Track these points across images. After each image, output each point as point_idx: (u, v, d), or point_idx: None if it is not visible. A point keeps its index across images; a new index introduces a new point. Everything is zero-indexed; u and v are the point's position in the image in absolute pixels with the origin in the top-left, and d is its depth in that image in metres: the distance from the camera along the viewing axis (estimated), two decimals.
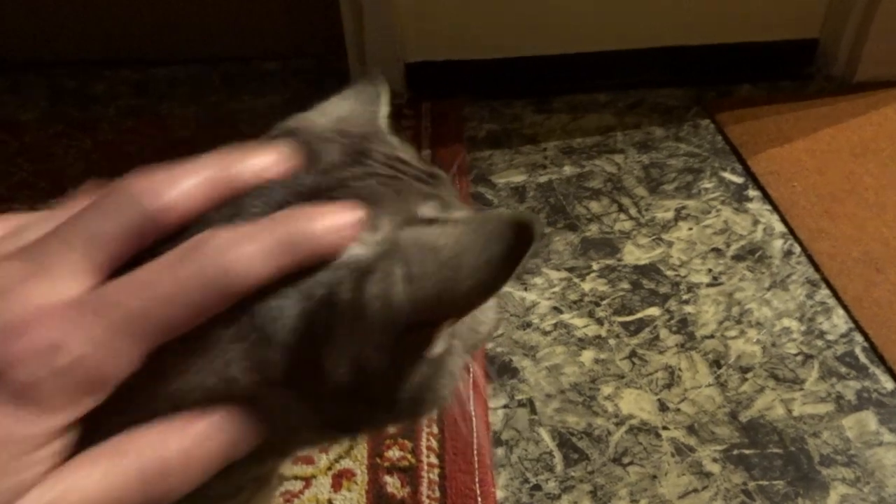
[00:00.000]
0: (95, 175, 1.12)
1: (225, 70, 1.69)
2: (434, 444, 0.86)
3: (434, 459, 0.84)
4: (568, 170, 1.34)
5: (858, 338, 0.99)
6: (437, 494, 0.80)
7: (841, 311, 1.03)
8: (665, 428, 0.89)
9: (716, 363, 0.97)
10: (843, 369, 0.95)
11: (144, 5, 1.68)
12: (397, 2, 1.47)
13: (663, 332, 1.02)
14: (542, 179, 1.32)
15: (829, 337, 1.00)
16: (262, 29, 1.72)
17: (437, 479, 0.82)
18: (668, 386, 0.94)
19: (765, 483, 0.83)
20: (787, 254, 1.13)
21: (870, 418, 0.89)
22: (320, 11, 1.60)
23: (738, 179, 1.29)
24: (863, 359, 0.96)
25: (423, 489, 0.81)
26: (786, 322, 1.02)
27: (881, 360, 0.96)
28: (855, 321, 1.01)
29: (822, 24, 1.57)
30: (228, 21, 1.71)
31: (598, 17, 1.54)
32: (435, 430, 0.87)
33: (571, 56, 1.57)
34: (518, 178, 1.33)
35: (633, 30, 1.56)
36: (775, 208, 1.22)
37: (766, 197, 1.25)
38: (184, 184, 0.26)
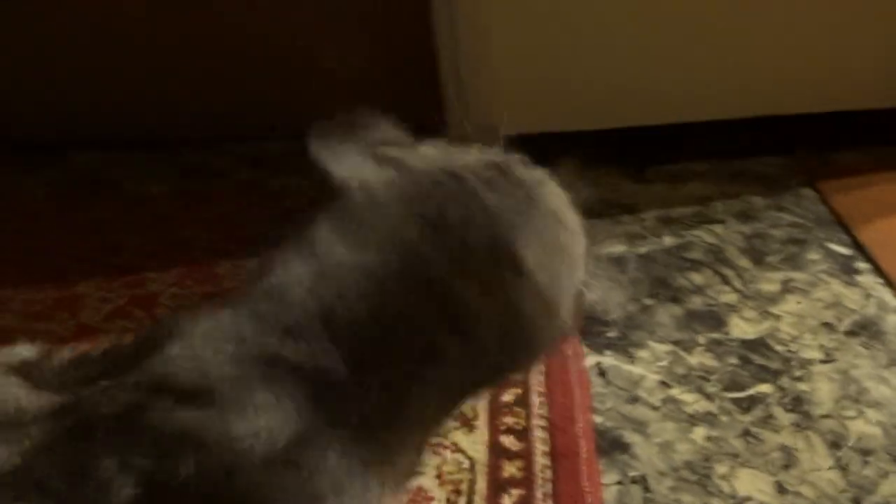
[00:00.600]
0: (216, 246, 1.22)
1: None
2: None
3: None
4: (668, 240, 1.36)
5: None
6: None
7: None
8: None
9: (835, 444, 0.95)
10: None
11: (257, 84, 1.83)
12: (497, 78, 1.54)
13: (777, 410, 1.01)
14: (643, 250, 1.34)
15: None
16: (364, 102, 1.83)
17: None
18: (786, 467, 0.93)
19: None
20: None
21: None
22: (422, 87, 1.69)
23: (846, 251, 1.28)
24: None
25: None
26: None
27: None
28: None
29: None
30: (333, 94, 1.83)
31: (694, 87, 1.57)
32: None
33: (669, 126, 1.60)
34: (618, 248, 1.35)
35: (731, 99, 1.58)
36: (888, 281, 1.20)
37: (877, 269, 1.22)
38: None
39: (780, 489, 0.90)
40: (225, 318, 0.50)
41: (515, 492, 0.91)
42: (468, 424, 1.00)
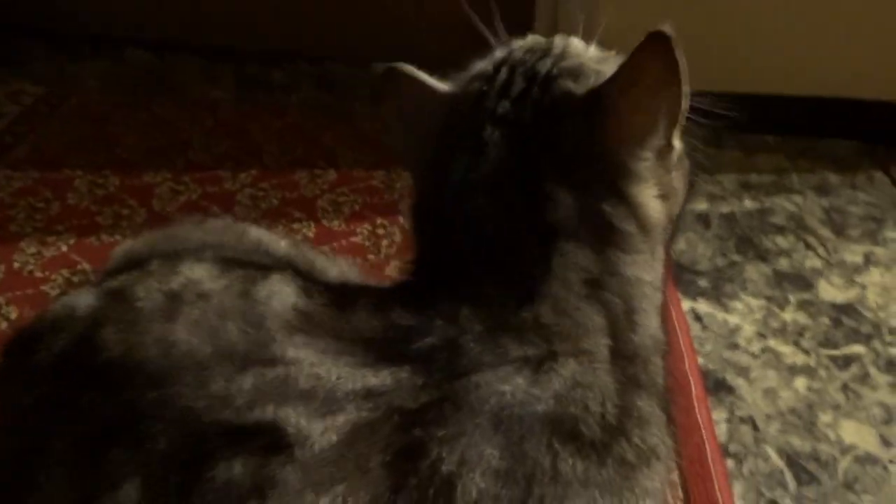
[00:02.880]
0: (290, 154, 1.19)
1: None
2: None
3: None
4: (748, 204, 1.37)
5: None
6: (681, 494, 0.82)
7: None
8: (892, 462, 0.90)
9: None
10: None
11: (326, 4, 1.76)
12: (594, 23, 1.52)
13: (873, 370, 1.03)
14: (725, 210, 1.35)
15: None
16: (437, 43, 1.78)
17: (678, 480, 0.84)
18: (887, 422, 0.95)
19: None
20: None
21: None
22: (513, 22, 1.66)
23: None
24: None
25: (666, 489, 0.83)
26: None
27: None
28: None
29: None
30: (404, 29, 1.78)
31: (772, 60, 1.57)
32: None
33: (745, 95, 1.60)
34: (700, 206, 1.35)
35: (807, 77, 1.59)
36: None
37: None
38: None
39: (885, 442, 0.93)
40: None
41: None
42: None
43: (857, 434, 0.93)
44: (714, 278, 1.18)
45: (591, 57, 0.53)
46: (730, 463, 0.89)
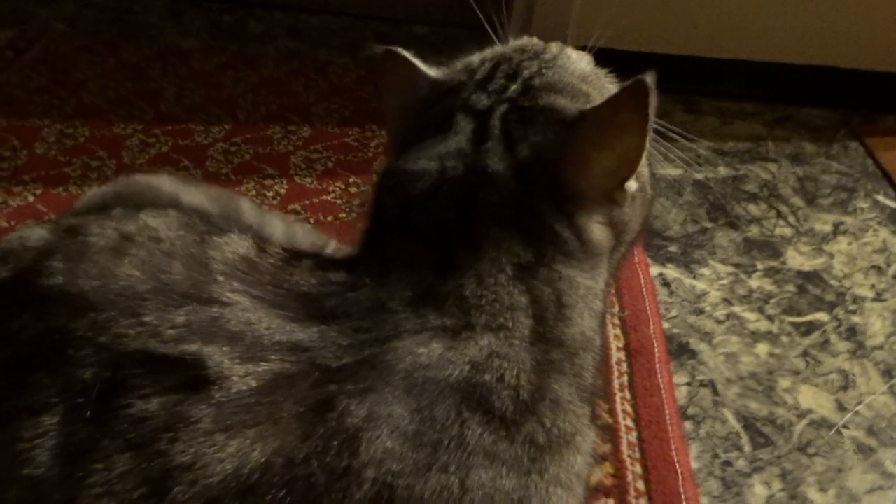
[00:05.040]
0: (264, 109, 1.19)
1: (375, 28, 1.72)
2: (629, 408, 0.89)
3: (630, 423, 0.88)
4: (722, 171, 1.37)
5: None
6: (638, 455, 0.84)
7: None
8: (846, 427, 0.92)
9: (887, 373, 1.00)
10: None
11: None
12: None
13: (833, 338, 1.05)
14: (698, 177, 1.35)
15: None
16: None
17: (635, 441, 0.86)
18: (844, 388, 0.97)
19: None
20: None
21: None
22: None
23: (893, 204, 1.32)
24: None
25: (624, 448, 0.85)
26: None
27: None
28: None
29: None
30: None
31: (753, 26, 1.56)
32: (628, 395, 0.91)
33: (724, 61, 1.59)
34: (674, 172, 1.36)
35: (787, 43, 1.58)
36: None
37: None
38: None
39: (840, 407, 0.95)
40: None
41: None
42: None
43: (813, 399, 0.96)
44: (684, 244, 1.19)
45: (580, 73, 0.55)
46: (688, 425, 0.90)
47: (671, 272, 1.13)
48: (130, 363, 0.39)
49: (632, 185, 0.52)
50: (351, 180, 1.22)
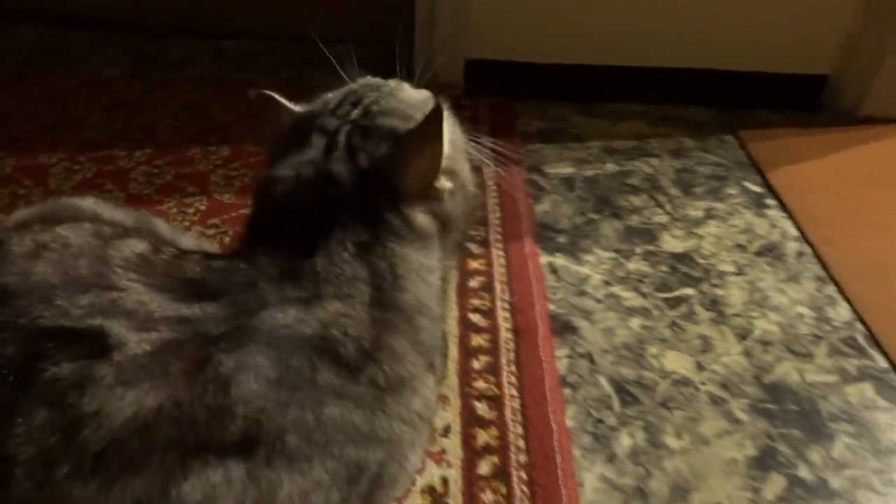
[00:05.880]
0: (184, 131, 1.34)
1: (297, 50, 1.82)
2: (514, 380, 1.02)
3: (515, 392, 1.00)
4: (610, 167, 1.52)
5: (859, 326, 1.18)
6: (520, 419, 0.96)
7: (845, 304, 1.22)
8: (702, 383, 1.06)
9: (742, 336, 1.15)
10: (846, 349, 1.14)
11: None
12: (469, 5, 1.63)
13: (698, 308, 1.19)
14: (589, 173, 1.49)
15: (835, 323, 1.18)
16: (333, 14, 1.86)
17: (518, 407, 0.98)
18: (704, 351, 1.12)
19: (784, 431, 1.01)
20: (800, 254, 1.32)
21: (867, 388, 1.08)
22: (395, 3, 1.75)
23: (758, 189, 1.48)
24: (862, 342, 1.15)
25: (508, 414, 0.97)
26: (799, 309, 1.20)
27: (877, 345, 1.15)
28: (856, 313, 1.20)
29: (833, 63, 1.77)
30: (301, 3, 1.84)
31: (636, 34, 1.72)
32: (514, 368, 1.03)
33: (612, 68, 1.75)
34: (567, 170, 1.50)
35: (667, 49, 1.74)
36: (790, 216, 1.41)
37: (782, 206, 1.43)
38: None
39: (699, 367, 1.09)
40: None
41: (483, 358, 1.05)
42: None
43: (677, 362, 1.10)
44: (572, 235, 1.33)
45: (411, 101, 0.69)
46: (567, 391, 1.03)
47: (559, 260, 1.27)
48: (45, 338, 0.49)
49: (445, 183, 0.65)
50: None
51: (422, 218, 0.63)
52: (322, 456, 0.51)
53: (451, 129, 0.64)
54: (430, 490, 0.87)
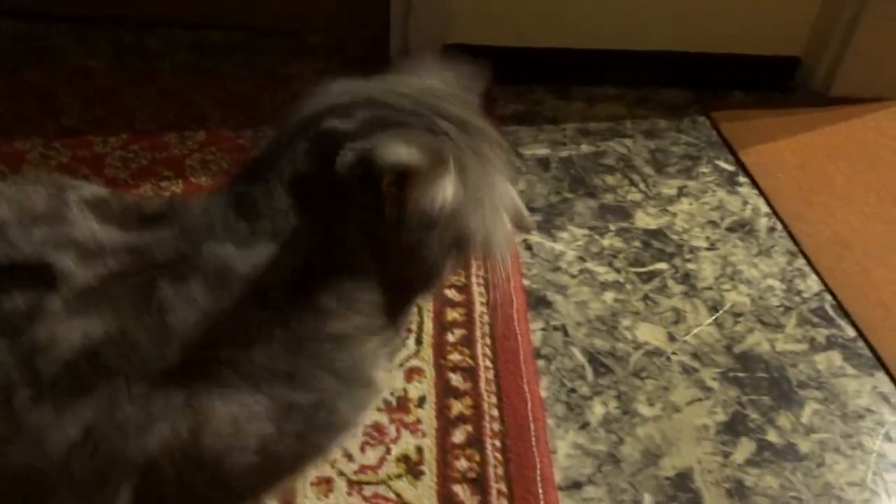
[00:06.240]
0: (163, 117, 1.35)
1: (275, 41, 1.83)
2: (488, 352, 1.03)
3: (489, 363, 1.01)
4: (585, 148, 1.53)
5: (828, 297, 1.20)
6: (494, 389, 0.98)
7: (814, 277, 1.24)
8: (674, 353, 1.08)
9: (714, 308, 1.17)
10: (816, 319, 1.16)
11: None
12: None
13: (670, 282, 1.21)
14: (563, 154, 1.51)
15: (805, 295, 1.21)
16: (311, 5, 1.86)
17: (492, 378, 0.99)
18: (675, 323, 1.13)
19: (754, 397, 1.03)
20: (771, 230, 1.34)
21: (836, 356, 1.10)
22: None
23: (730, 167, 1.50)
24: (831, 312, 1.17)
25: (482, 385, 0.98)
26: (770, 281, 1.23)
27: (845, 315, 1.17)
28: (825, 284, 1.22)
29: (804, 45, 1.79)
30: None
31: (613, 17, 1.74)
32: (488, 341, 1.05)
33: (589, 51, 1.76)
34: (542, 151, 1.51)
35: (644, 32, 1.76)
36: (761, 193, 1.43)
37: (754, 183, 1.46)
38: None
39: (671, 338, 1.11)
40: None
41: (458, 331, 1.06)
42: None
43: (650, 333, 1.11)
44: (547, 213, 1.34)
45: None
46: (541, 363, 1.05)
47: (534, 238, 1.28)
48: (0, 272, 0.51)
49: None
50: None
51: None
52: (252, 390, 0.52)
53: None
54: (404, 458, 0.89)
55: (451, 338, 1.05)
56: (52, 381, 0.48)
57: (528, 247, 1.26)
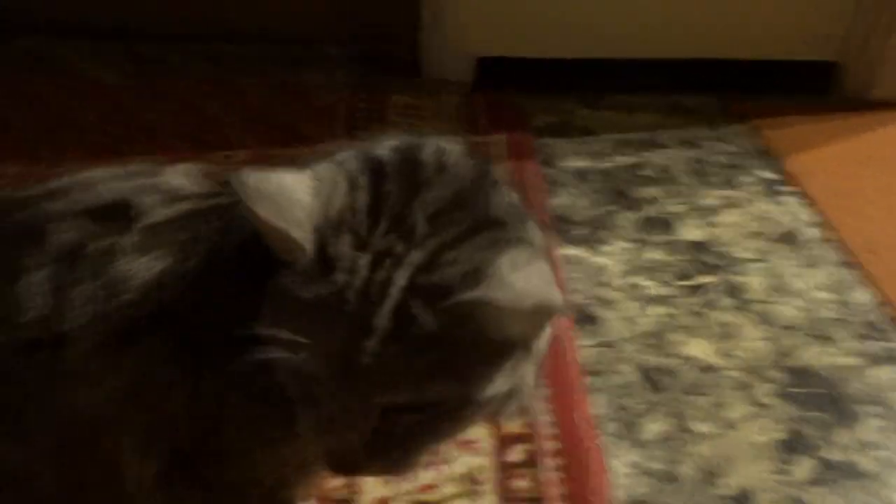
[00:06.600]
0: (184, 132, 1.35)
1: (290, 51, 1.83)
2: None
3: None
4: (623, 159, 1.52)
5: (882, 309, 1.18)
6: (548, 407, 0.97)
7: (866, 287, 1.22)
8: (727, 369, 1.06)
9: (764, 322, 1.15)
10: (870, 332, 1.14)
11: None
12: (476, 2, 1.64)
13: (718, 296, 1.19)
14: (602, 166, 1.50)
15: (857, 307, 1.18)
16: (326, 15, 1.87)
17: (544, 395, 0.98)
18: (726, 338, 1.12)
19: (810, 413, 1.01)
20: (818, 240, 1.32)
21: (892, 370, 1.08)
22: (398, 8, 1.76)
23: (773, 176, 1.48)
24: (885, 325, 1.15)
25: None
26: (820, 293, 1.20)
27: None
28: (879, 295, 1.20)
29: (841, 49, 1.77)
30: (295, 5, 1.86)
31: (644, 27, 1.73)
32: None
33: (622, 61, 1.75)
34: (581, 163, 1.50)
35: (676, 41, 1.75)
36: (805, 202, 1.41)
37: (798, 192, 1.43)
38: None
39: (723, 354, 1.09)
40: None
41: None
42: None
43: (700, 350, 1.10)
44: (589, 227, 1.33)
45: None
46: (591, 380, 1.03)
47: (578, 252, 1.27)
48: (87, 217, 0.55)
49: None
50: None
51: None
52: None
53: None
54: (462, 478, 0.88)
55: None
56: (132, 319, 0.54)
57: (573, 262, 1.25)
